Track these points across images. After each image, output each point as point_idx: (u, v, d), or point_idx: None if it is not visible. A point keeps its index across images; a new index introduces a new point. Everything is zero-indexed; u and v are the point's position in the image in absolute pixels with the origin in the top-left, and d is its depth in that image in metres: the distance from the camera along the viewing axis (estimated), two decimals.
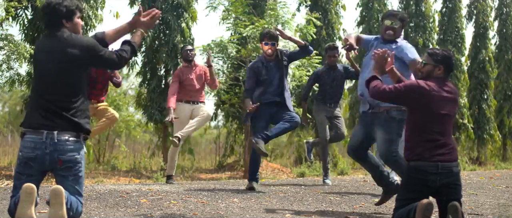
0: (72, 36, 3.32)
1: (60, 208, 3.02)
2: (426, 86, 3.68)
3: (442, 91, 3.71)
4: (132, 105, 14.16)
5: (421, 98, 3.67)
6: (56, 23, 3.35)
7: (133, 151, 14.43)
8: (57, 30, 3.33)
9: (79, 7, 3.43)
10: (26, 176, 3.22)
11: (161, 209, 4.27)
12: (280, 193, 5.61)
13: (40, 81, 3.32)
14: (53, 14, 3.34)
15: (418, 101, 3.68)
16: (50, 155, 3.19)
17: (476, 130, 15.37)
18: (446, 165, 3.62)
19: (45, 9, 3.37)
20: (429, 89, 3.67)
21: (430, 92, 3.66)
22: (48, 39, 3.36)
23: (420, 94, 3.66)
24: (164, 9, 10.08)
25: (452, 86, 3.80)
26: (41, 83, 3.31)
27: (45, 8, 3.37)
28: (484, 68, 15.83)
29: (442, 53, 3.80)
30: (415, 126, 3.71)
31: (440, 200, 3.67)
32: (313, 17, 9.85)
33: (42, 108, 3.25)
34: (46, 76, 3.28)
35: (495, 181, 8.08)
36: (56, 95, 3.25)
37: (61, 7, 3.33)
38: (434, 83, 3.71)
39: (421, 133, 3.67)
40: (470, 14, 16.37)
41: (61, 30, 3.33)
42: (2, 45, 7.92)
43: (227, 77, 9.78)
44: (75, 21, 3.40)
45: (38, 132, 3.20)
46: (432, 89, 3.67)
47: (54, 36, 3.32)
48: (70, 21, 3.37)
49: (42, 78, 3.31)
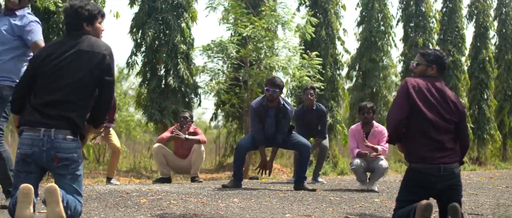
0: (93, 40, 3.33)
1: (56, 205, 3.02)
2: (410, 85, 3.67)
3: (433, 88, 3.69)
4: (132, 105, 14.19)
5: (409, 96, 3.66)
6: (77, 26, 3.36)
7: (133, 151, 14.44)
8: (77, 33, 3.34)
9: (101, 12, 3.43)
10: (25, 174, 3.22)
11: (161, 209, 4.27)
12: (280, 193, 5.61)
13: (43, 79, 3.30)
14: (75, 16, 3.34)
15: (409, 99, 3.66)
16: (46, 152, 3.19)
17: (476, 130, 15.37)
18: (448, 167, 3.60)
19: (67, 11, 3.38)
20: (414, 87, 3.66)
21: (415, 89, 3.65)
22: (66, 39, 3.36)
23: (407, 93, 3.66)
24: (164, 9, 10.08)
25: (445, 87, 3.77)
26: (46, 81, 3.29)
27: (67, 10, 3.38)
28: (484, 68, 15.84)
29: (435, 53, 3.80)
30: (415, 127, 3.70)
31: (441, 201, 3.66)
32: (308, 16, 9.86)
33: (42, 106, 3.24)
34: (53, 74, 3.26)
35: (495, 181, 8.08)
36: (59, 95, 3.24)
37: (83, 10, 3.34)
38: (424, 81, 3.70)
39: (421, 135, 3.66)
40: (470, 14, 16.38)
41: (81, 33, 3.34)
42: None
43: (227, 77, 9.78)
44: (96, 26, 3.41)
45: (36, 129, 3.20)
46: (418, 87, 3.66)
47: (73, 38, 3.33)
48: (91, 25, 3.38)
49: (47, 76, 3.28)
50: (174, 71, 10.14)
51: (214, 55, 9.38)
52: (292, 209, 4.53)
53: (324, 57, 11.71)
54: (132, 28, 10.51)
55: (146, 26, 10.14)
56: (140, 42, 10.53)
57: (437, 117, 3.65)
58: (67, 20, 3.41)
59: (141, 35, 10.42)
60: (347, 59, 14.39)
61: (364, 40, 13.94)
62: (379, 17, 14.05)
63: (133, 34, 10.55)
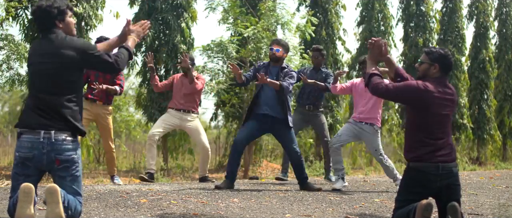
0: (67, 38, 3.33)
1: (56, 206, 3.02)
2: (425, 88, 3.67)
3: (440, 92, 3.70)
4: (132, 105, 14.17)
5: (420, 101, 3.67)
6: (49, 25, 3.36)
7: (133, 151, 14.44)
8: (51, 32, 3.34)
9: (69, 6, 3.43)
10: (24, 177, 3.22)
11: (161, 209, 4.27)
12: (280, 193, 5.61)
13: (36, 83, 3.32)
14: (46, 16, 3.34)
15: (417, 102, 3.68)
16: (47, 154, 3.20)
17: (476, 130, 15.36)
18: (447, 166, 3.62)
19: (37, 12, 3.37)
20: (428, 92, 3.66)
21: (429, 94, 3.66)
22: (43, 41, 3.36)
23: (419, 97, 3.66)
24: (164, 9, 10.07)
25: (450, 86, 3.79)
26: (37, 84, 3.31)
27: (37, 11, 3.36)
28: (484, 68, 15.83)
29: (438, 52, 3.80)
30: (415, 126, 3.71)
31: (440, 200, 3.67)
32: (309, 16, 9.86)
33: (39, 108, 3.25)
34: (42, 77, 3.29)
35: (495, 181, 8.08)
36: (51, 96, 3.26)
37: (52, 8, 3.34)
38: (433, 85, 3.70)
39: (420, 134, 3.66)
40: (470, 14, 16.36)
41: (55, 32, 3.34)
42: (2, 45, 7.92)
43: (227, 77, 9.77)
44: (67, 21, 3.41)
45: (35, 132, 3.21)
46: (431, 91, 3.67)
47: (48, 38, 3.33)
48: (62, 21, 3.39)
49: (37, 79, 3.31)
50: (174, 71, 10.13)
51: (214, 55, 9.39)
52: (292, 209, 4.53)
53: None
54: None
55: None
56: (140, 42, 10.53)
57: (441, 118, 3.67)
58: (38, 21, 3.40)
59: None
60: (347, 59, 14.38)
61: (364, 40, 13.93)
62: (379, 17, 14.04)
63: None
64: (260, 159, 11.43)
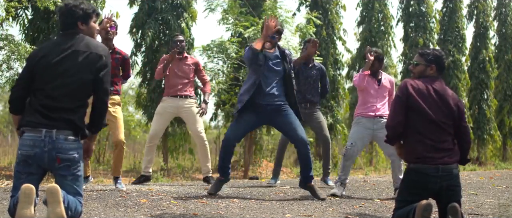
0: (88, 40, 3.34)
1: (57, 206, 3.02)
2: (410, 87, 3.68)
3: (431, 89, 3.70)
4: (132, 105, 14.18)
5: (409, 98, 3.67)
6: (71, 25, 3.36)
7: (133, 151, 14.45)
8: (72, 32, 3.35)
9: (96, 11, 3.45)
10: (26, 175, 3.22)
11: (161, 209, 4.27)
12: (280, 193, 5.61)
13: (42, 80, 3.30)
14: (70, 15, 3.35)
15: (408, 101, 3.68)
16: (48, 153, 3.20)
17: (476, 130, 15.37)
18: (447, 167, 3.61)
19: (62, 10, 3.38)
20: (413, 88, 3.67)
21: (415, 91, 3.66)
22: (61, 39, 3.36)
23: (407, 95, 3.67)
24: (164, 9, 10.08)
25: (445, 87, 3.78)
26: (44, 81, 3.29)
27: (62, 10, 3.38)
28: (484, 68, 15.85)
29: (433, 53, 3.81)
30: (413, 127, 3.70)
31: (440, 201, 3.66)
32: (313, 16, 9.85)
33: (42, 107, 3.24)
34: (51, 75, 3.27)
35: (495, 181, 8.07)
36: (57, 95, 3.25)
37: (78, 9, 3.35)
38: (423, 83, 3.71)
39: (419, 135, 3.66)
40: (470, 14, 16.38)
41: (76, 32, 3.35)
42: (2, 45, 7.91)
43: (227, 77, 9.78)
44: (90, 25, 3.42)
45: (37, 130, 3.20)
46: (418, 88, 3.67)
47: (68, 37, 3.33)
48: (85, 24, 3.39)
49: (45, 76, 3.29)
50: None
51: (214, 55, 9.39)
52: (292, 209, 4.53)
53: (324, 57, 11.71)
54: (132, 28, 10.52)
55: (146, 26, 10.15)
56: (140, 42, 10.54)
57: (436, 117, 3.65)
58: (61, 19, 3.41)
59: (141, 35, 10.43)
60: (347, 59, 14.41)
61: (364, 40, 13.95)
62: (379, 17, 14.06)
63: (133, 34, 10.56)
64: (260, 159, 11.44)
